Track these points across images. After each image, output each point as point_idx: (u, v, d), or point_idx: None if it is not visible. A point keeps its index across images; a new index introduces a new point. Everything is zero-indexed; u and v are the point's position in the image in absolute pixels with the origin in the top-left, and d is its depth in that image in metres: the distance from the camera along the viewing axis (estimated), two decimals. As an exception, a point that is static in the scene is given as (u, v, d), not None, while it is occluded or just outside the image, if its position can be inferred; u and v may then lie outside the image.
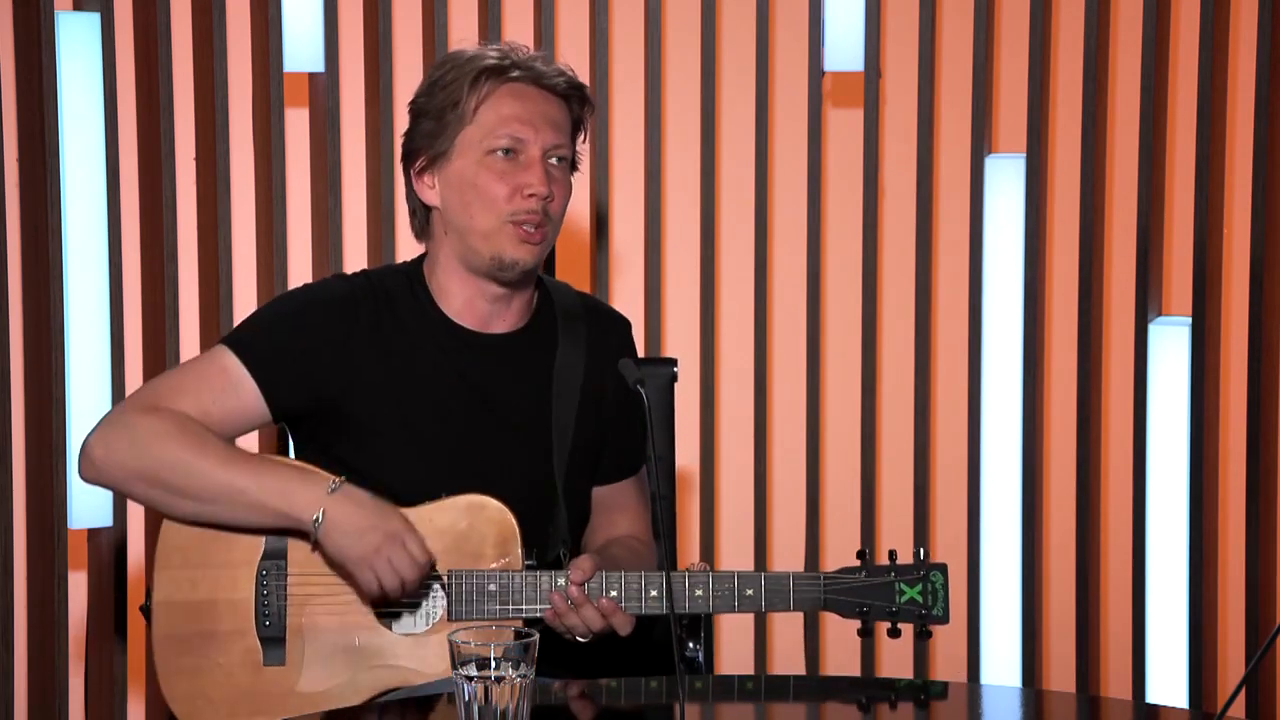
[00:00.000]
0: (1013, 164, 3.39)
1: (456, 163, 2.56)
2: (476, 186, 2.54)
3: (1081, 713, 2.45)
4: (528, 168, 2.54)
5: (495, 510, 2.51)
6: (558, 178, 2.56)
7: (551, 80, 2.57)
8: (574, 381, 2.64)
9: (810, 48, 3.38)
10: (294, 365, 2.55)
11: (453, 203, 2.57)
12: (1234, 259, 3.41)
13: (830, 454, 3.53)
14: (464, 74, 2.55)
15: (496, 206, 2.53)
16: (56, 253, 3.36)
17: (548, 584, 2.47)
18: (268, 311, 2.63)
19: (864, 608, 2.45)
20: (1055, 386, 3.45)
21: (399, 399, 2.56)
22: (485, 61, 2.56)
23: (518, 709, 1.98)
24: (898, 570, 2.45)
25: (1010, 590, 3.41)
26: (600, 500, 2.73)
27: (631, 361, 2.48)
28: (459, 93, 2.55)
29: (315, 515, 2.45)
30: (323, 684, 2.49)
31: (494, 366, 2.61)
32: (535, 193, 2.52)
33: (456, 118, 2.55)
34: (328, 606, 2.50)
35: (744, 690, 2.47)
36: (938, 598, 2.45)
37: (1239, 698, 3.11)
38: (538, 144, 2.54)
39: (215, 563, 2.51)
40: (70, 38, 3.36)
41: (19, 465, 3.45)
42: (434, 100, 2.57)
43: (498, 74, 2.55)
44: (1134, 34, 3.38)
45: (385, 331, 2.57)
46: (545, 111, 2.56)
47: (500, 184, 2.53)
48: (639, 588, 2.47)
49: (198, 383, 2.54)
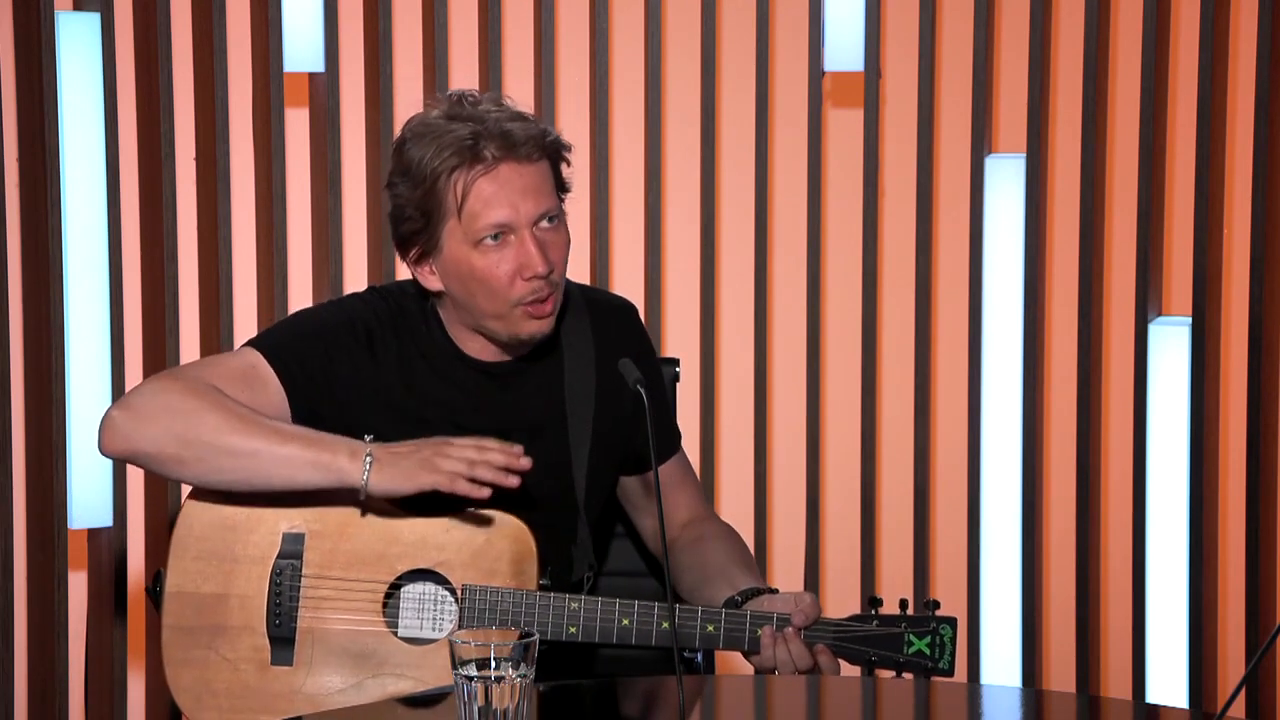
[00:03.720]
0: (1013, 164, 3.39)
1: (450, 254, 2.51)
2: (476, 277, 2.50)
3: (1081, 713, 2.45)
4: (520, 248, 2.49)
5: (514, 528, 2.50)
6: (552, 241, 2.52)
7: (526, 150, 2.50)
8: (587, 393, 2.63)
9: (810, 48, 3.39)
10: (320, 379, 2.54)
11: (458, 290, 2.53)
12: (1234, 259, 3.41)
13: (830, 454, 3.53)
14: (439, 169, 2.48)
15: (501, 293, 2.50)
16: (56, 253, 3.36)
17: (560, 606, 2.47)
18: (294, 323, 2.62)
19: (871, 657, 2.48)
20: (1055, 386, 3.45)
21: (418, 425, 2.54)
22: (457, 148, 2.48)
23: (518, 709, 1.98)
24: (908, 621, 2.47)
25: (1010, 590, 3.41)
26: (649, 485, 2.72)
27: (630, 361, 2.47)
28: (435, 188, 2.49)
29: (363, 457, 2.43)
30: (328, 687, 2.49)
31: (512, 391, 2.60)
32: (534, 274, 2.49)
33: (439, 212, 2.50)
34: (339, 610, 2.50)
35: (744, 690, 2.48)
36: (945, 651, 2.47)
37: (1239, 698, 3.12)
38: (524, 221, 2.49)
39: (231, 556, 2.51)
40: (70, 38, 3.36)
41: (19, 465, 3.45)
42: (413, 194, 2.51)
43: (471, 161, 2.47)
44: (1134, 34, 3.38)
45: (406, 358, 2.57)
46: (524, 185, 2.50)
47: (498, 271, 2.49)
48: (651, 618, 2.48)
49: (223, 373, 2.53)
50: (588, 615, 2.48)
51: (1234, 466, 3.42)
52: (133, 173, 3.42)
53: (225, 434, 2.45)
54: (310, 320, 2.62)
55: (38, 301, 3.41)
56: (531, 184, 2.51)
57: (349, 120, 3.43)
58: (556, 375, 2.63)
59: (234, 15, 3.41)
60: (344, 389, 2.55)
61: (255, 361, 2.54)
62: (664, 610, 2.47)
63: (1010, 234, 3.39)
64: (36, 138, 3.37)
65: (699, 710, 2.32)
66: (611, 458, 2.67)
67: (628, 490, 2.75)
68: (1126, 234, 3.40)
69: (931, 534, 3.43)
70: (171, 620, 2.51)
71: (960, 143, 3.44)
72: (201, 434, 2.45)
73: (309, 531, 2.51)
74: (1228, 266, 3.39)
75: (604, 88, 3.39)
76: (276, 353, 2.55)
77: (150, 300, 3.43)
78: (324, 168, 3.42)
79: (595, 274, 3.43)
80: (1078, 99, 3.38)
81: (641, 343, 2.73)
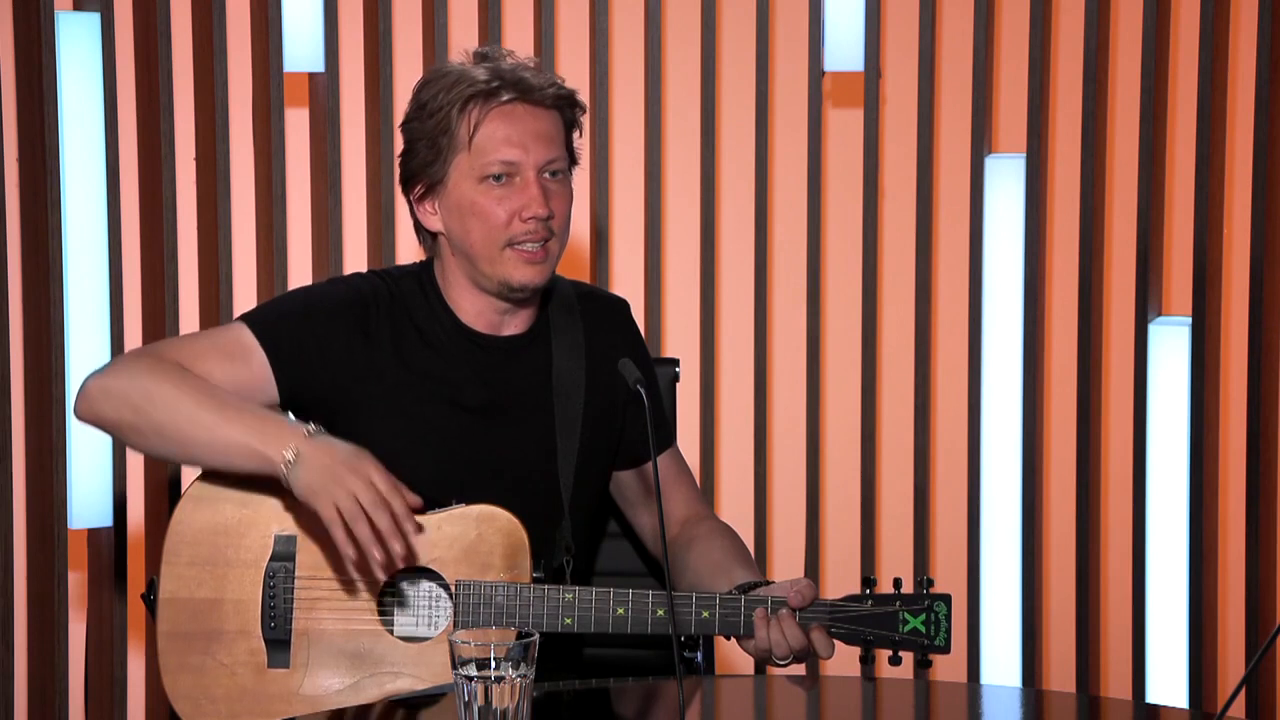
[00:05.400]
0: (1013, 164, 3.39)
1: (454, 189, 2.55)
2: (475, 213, 2.54)
3: (1081, 713, 2.45)
4: (523, 189, 2.53)
5: (506, 522, 2.51)
6: (556, 191, 2.56)
7: (541, 94, 2.55)
8: (576, 382, 2.64)
9: (810, 48, 3.39)
10: (309, 355, 2.56)
11: (455, 228, 2.57)
12: (1234, 259, 3.41)
13: (830, 454, 3.53)
14: (453, 99, 2.53)
15: (497, 232, 2.53)
16: (56, 253, 3.36)
17: (555, 597, 2.47)
18: (288, 299, 2.66)
19: (867, 636, 2.47)
20: (1055, 386, 3.45)
21: (411, 401, 2.56)
22: (474, 85, 2.53)
23: (518, 709, 1.98)
24: (903, 599, 2.46)
25: (1010, 590, 3.41)
26: (647, 482, 2.73)
27: (631, 362, 2.47)
28: (449, 119, 2.53)
29: (287, 451, 2.43)
30: (325, 688, 2.49)
31: (505, 369, 2.62)
32: (534, 215, 2.52)
33: (449, 144, 2.54)
34: (334, 611, 2.50)
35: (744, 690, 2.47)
36: (940, 628, 2.47)
37: (1239, 698, 3.12)
38: (531, 164, 2.53)
39: (223, 561, 2.51)
40: (70, 38, 3.36)
41: (19, 465, 3.45)
42: (425, 126, 2.56)
43: (486, 97, 2.53)
44: (1134, 34, 3.38)
45: (400, 333, 2.59)
46: (536, 129, 2.54)
47: (498, 209, 2.53)
48: (646, 606, 2.47)
49: (209, 347, 2.56)
50: (583, 606, 2.48)
51: (1234, 466, 3.42)
52: (133, 173, 3.42)
53: (176, 413, 2.48)
54: (304, 297, 2.65)
55: (38, 301, 3.41)
56: (544, 130, 2.55)
57: (349, 120, 3.43)
58: (545, 361, 2.64)
59: (234, 15, 3.41)
60: (334, 364, 2.56)
61: (242, 336, 2.56)
62: (659, 598, 2.47)
63: (1010, 234, 3.39)
64: (36, 138, 3.37)
65: (699, 710, 2.32)
66: (601, 449, 2.68)
67: (623, 487, 2.76)
68: (1126, 234, 3.40)
69: (931, 534, 3.43)
70: (167, 627, 2.51)
71: (960, 143, 3.44)
72: (155, 411, 2.49)
73: (301, 533, 2.51)
74: (1228, 266, 3.39)
75: (604, 88, 3.39)
76: (265, 328, 2.57)
77: (150, 300, 3.43)
78: (324, 168, 3.42)
79: (595, 274, 3.43)
80: (1078, 99, 3.38)
81: (633, 338, 2.74)
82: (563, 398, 2.63)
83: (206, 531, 2.52)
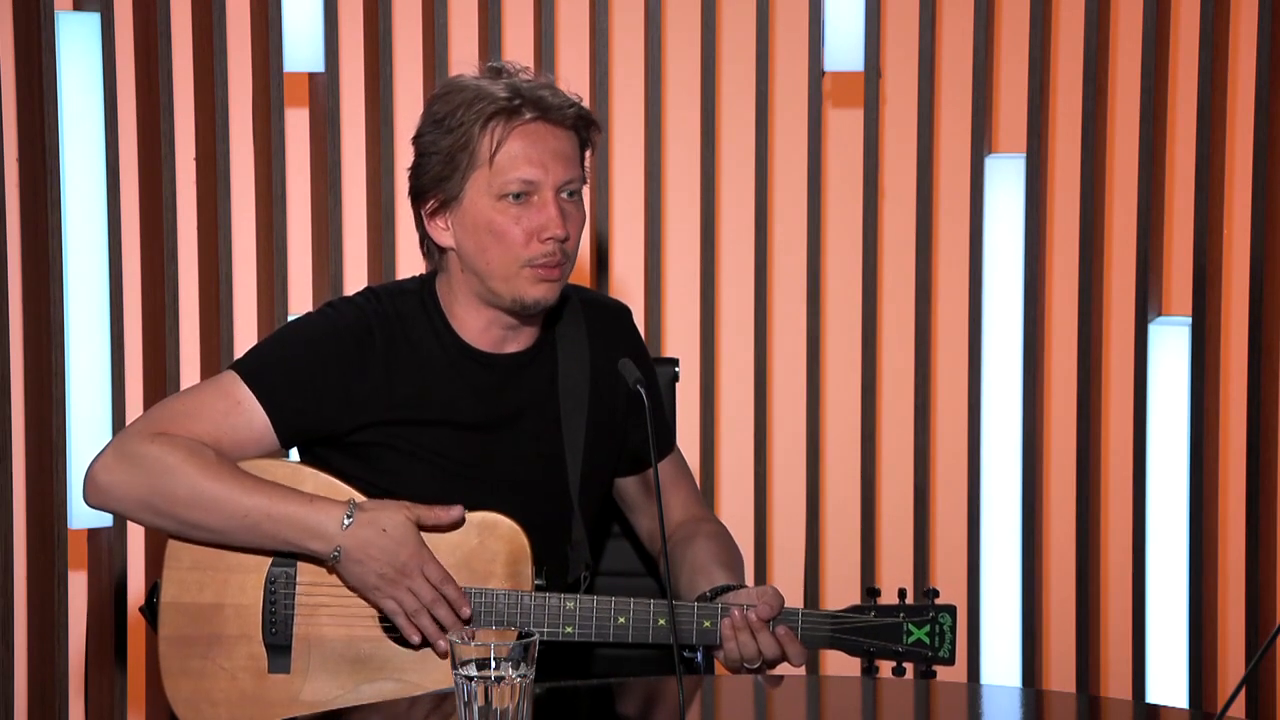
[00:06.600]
0: (1013, 164, 3.39)
1: (470, 206, 2.51)
2: (493, 232, 2.50)
3: (1081, 713, 2.45)
4: (542, 209, 2.50)
5: (507, 529, 2.51)
6: (571, 212, 2.53)
7: (561, 114, 2.52)
8: (581, 391, 2.63)
9: (810, 48, 3.39)
10: (306, 398, 2.53)
11: (468, 246, 2.53)
12: (1234, 259, 3.41)
13: (830, 454, 3.53)
14: (474, 116, 2.49)
15: (514, 251, 2.50)
16: (56, 253, 3.36)
17: (556, 605, 2.47)
18: (280, 340, 2.60)
19: (871, 647, 2.47)
20: (1055, 386, 3.45)
21: (414, 424, 2.55)
22: (495, 102, 2.49)
23: (518, 709, 1.98)
24: (907, 611, 2.46)
25: (1010, 590, 3.41)
26: (647, 485, 2.73)
27: (631, 362, 2.47)
28: (470, 135, 2.49)
29: (333, 552, 2.46)
30: (326, 694, 2.49)
31: (508, 386, 2.60)
32: (552, 235, 2.50)
33: (468, 161, 2.50)
34: (335, 617, 2.50)
35: (744, 690, 2.47)
36: (945, 640, 2.46)
37: (1239, 698, 3.12)
38: (550, 183, 2.50)
39: (225, 566, 2.51)
40: (70, 38, 3.36)
41: (19, 465, 3.45)
42: (441, 140, 2.51)
43: (509, 115, 2.49)
44: (1134, 34, 3.38)
45: (400, 356, 2.56)
46: (556, 148, 2.51)
47: (516, 228, 2.50)
48: (647, 616, 2.48)
49: (208, 410, 2.52)
50: (584, 614, 2.48)
51: (1234, 466, 3.42)
52: (133, 173, 3.42)
53: (194, 509, 2.47)
54: (294, 335, 2.60)
55: (38, 301, 3.41)
56: (563, 149, 2.53)
57: (349, 120, 3.43)
58: (551, 371, 2.63)
59: (234, 15, 3.41)
60: (331, 401, 2.54)
61: (236, 392, 2.53)
62: (659, 607, 2.47)
63: (1010, 234, 3.39)
64: (36, 138, 3.37)
65: (699, 710, 2.32)
66: (606, 456, 2.68)
67: (624, 491, 2.76)
68: (1126, 234, 3.40)
69: (931, 534, 3.43)
70: (168, 631, 2.51)
71: (960, 143, 3.44)
72: (174, 507, 2.48)
73: None
74: (1228, 266, 3.39)
75: (604, 87, 3.38)
76: (257, 377, 2.53)
77: (150, 300, 3.43)
78: (324, 168, 3.42)
79: (595, 274, 3.43)
80: (1078, 99, 3.38)
81: (635, 343, 2.74)
82: (569, 407, 2.63)
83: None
